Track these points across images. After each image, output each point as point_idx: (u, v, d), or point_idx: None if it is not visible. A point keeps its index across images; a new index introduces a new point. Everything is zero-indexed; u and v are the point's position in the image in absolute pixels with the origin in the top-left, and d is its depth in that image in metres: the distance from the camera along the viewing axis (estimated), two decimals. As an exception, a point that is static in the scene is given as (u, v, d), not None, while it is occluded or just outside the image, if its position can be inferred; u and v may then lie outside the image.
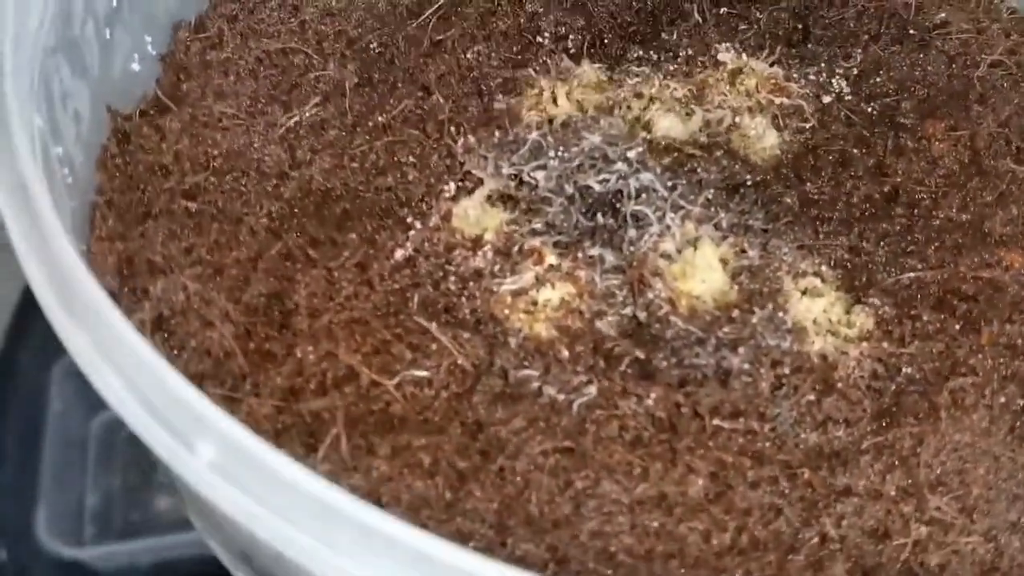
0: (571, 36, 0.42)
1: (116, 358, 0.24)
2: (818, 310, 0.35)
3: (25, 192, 0.27)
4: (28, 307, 0.93)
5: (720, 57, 0.41)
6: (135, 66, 0.39)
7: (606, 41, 0.43)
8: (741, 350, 0.33)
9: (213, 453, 0.23)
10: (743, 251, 0.36)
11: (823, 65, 0.42)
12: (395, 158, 0.38)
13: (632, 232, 0.36)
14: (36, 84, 0.31)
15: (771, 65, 0.41)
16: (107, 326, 0.25)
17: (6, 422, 0.88)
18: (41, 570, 0.81)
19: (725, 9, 0.43)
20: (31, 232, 0.26)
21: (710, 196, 0.37)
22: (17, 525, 0.82)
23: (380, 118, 0.39)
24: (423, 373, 0.33)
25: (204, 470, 0.23)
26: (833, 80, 0.41)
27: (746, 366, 0.33)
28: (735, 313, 0.34)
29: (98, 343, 0.25)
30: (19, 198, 0.27)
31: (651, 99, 0.40)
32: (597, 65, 0.41)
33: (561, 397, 0.33)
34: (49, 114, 0.32)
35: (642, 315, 0.34)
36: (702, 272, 0.35)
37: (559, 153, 0.37)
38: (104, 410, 0.89)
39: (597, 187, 0.36)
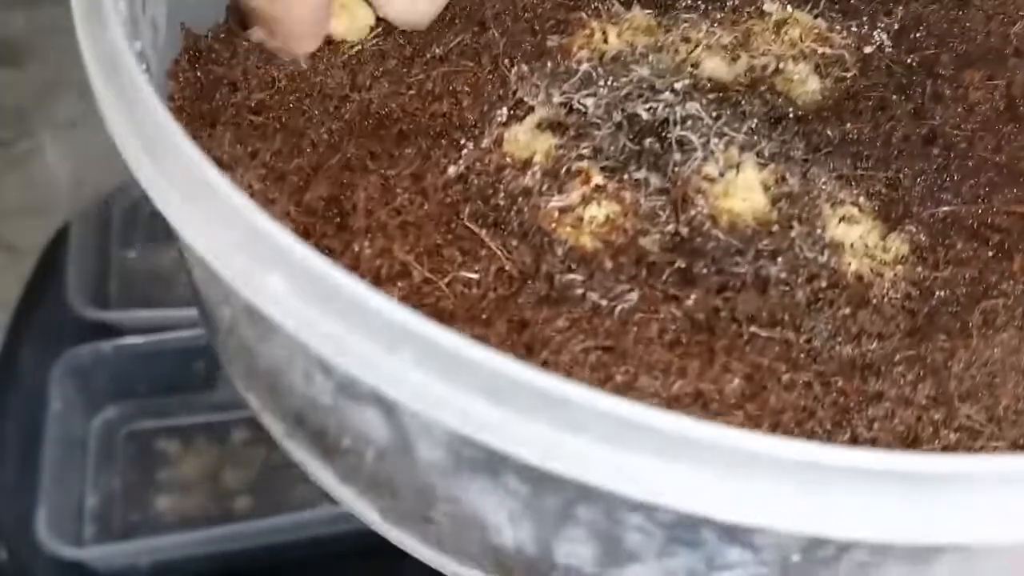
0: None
1: (191, 191, 0.26)
2: (855, 235, 0.36)
3: (114, 57, 0.29)
4: (28, 307, 0.95)
5: (766, 8, 0.43)
6: (208, -7, 0.41)
7: (656, -12, 0.44)
8: (779, 260, 0.35)
9: (283, 279, 0.25)
10: (783, 178, 0.37)
11: (865, 19, 0.43)
12: (450, 86, 0.40)
13: (677, 156, 0.37)
14: (120, -21, 0.33)
15: (815, 17, 0.43)
16: (191, 167, 0.26)
17: (6, 422, 0.89)
18: (41, 570, 0.82)
19: (770, -37, 0.45)
20: (117, 90, 0.28)
21: (753, 126, 0.38)
22: (17, 525, 0.83)
23: (437, 50, 0.41)
24: (472, 275, 0.34)
25: (277, 295, 0.24)
26: (875, 33, 0.43)
27: (783, 275, 0.34)
28: (774, 228, 0.35)
29: (180, 185, 0.26)
30: (108, 66, 0.29)
31: (698, 44, 0.41)
32: (647, 11, 0.43)
33: (604, 302, 0.34)
34: (131, 10, 0.33)
35: (684, 230, 0.36)
36: (743, 192, 0.36)
37: (608, 83, 0.39)
38: (104, 410, 0.91)
39: (644, 114, 0.38)
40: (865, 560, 0.26)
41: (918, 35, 0.43)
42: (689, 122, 0.38)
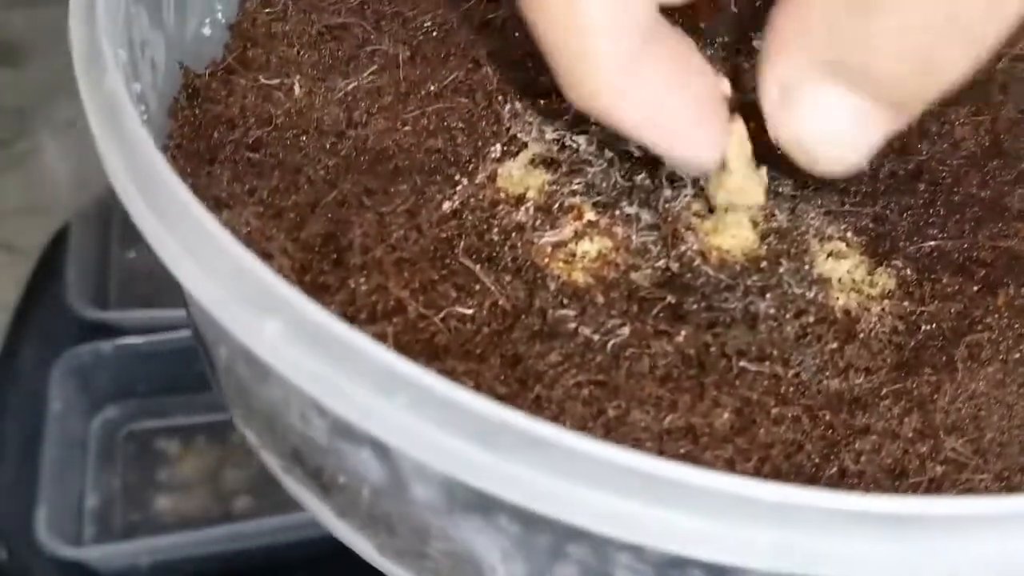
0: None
1: (189, 238, 0.27)
2: (843, 270, 0.37)
3: (113, 104, 0.29)
4: (28, 307, 0.95)
5: (756, 44, 0.44)
6: (206, 31, 0.42)
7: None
8: (768, 296, 0.35)
9: (279, 325, 0.25)
10: (772, 215, 0.38)
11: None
12: (445, 123, 0.40)
13: (668, 192, 0.38)
14: (120, 23, 0.34)
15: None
16: (188, 217, 0.27)
17: (6, 422, 0.89)
18: (41, 570, 0.82)
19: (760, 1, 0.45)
20: (116, 136, 0.29)
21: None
22: (17, 525, 0.83)
23: (432, 87, 0.41)
24: (467, 310, 0.35)
25: (273, 340, 0.25)
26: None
27: (772, 311, 0.35)
28: (763, 264, 0.36)
29: (178, 234, 0.27)
30: (107, 113, 0.30)
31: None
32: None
33: (596, 337, 0.35)
34: (131, 54, 0.34)
35: (675, 266, 0.36)
36: (733, 228, 0.37)
37: (600, 120, 0.39)
38: (104, 410, 0.91)
39: (636, 151, 0.39)
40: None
41: (905, 71, 0.44)
42: (680, 158, 0.38)
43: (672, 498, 0.24)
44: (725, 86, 0.36)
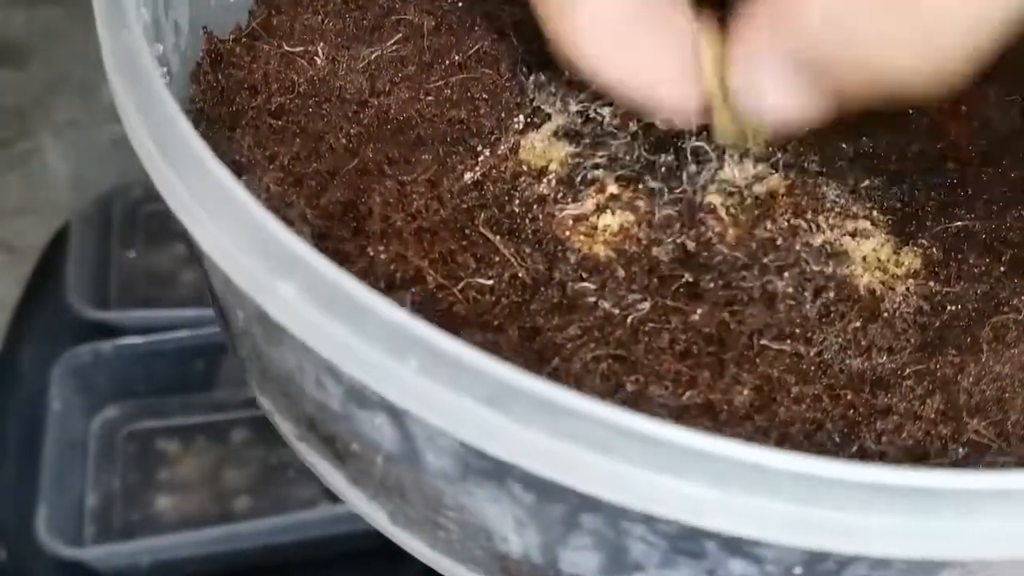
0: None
1: (207, 197, 0.26)
2: (868, 248, 0.37)
3: (134, 61, 0.29)
4: (28, 307, 0.95)
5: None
6: (231, -1, 0.42)
7: None
8: (786, 275, 0.35)
9: (295, 286, 0.25)
10: (794, 189, 0.37)
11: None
12: (468, 93, 0.40)
13: (692, 167, 0.37)
14: (143, -17, 0.33)
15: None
16: (200, 167, 0.27)
17: (6, 422, 0.89)
18: (41, 570, 0.82)
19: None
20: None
21: (768, 138, 0.38)
22: (17, 525, 0.83)
23: (456, 57, 0.41)
24: (486, 281, 0.35)
25: (288, 301, 0.25)
26: (893, 46, 0.43)
27: (790, 290, 0.34)
28: (779, 242, 0.36)
29: (190, 184, 0.27)
30: (128, 70, 0.29)
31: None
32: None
33: (616, 311, 0.34)
34: (153, 14, 0.34)
35: (691, 245, 0.36)
36: (754, 207, 0.36)
37: (625, 92, 0.39)
38: (104, 410, 0.92)
39: (660, 125, 0.38)
40: (866, 574, 0.26)
41: (936, 49, 0.43)
42: (705, 133, 0.38)
43: (689, 467, 0.23)
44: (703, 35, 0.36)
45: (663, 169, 0.38)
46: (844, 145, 0.39)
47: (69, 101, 1.25)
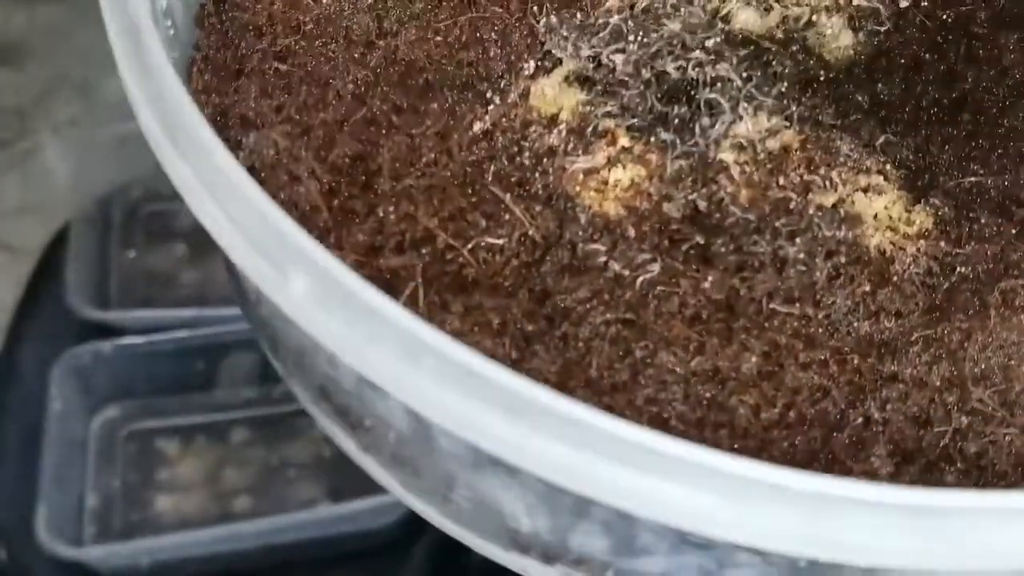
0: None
1: (218, 191, 0.26)
2: (879, 207, 0.36)
3: (136, 33, 0.28)
4: (28, 307, 0.94)
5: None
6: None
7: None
8: (798, 240, 0.35)
9: (306, 282, 0.25)
10: (807, 144, 0.37)
11: (901, -29, 0.42)
12: (478, 34, 0.39)
13: (705, 120, 0.37)
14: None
15: (851, -33, 0.42)
16: (212, 161, 0.26)
17: (6, 422, 0.89)
18: (41, 570, 0.82)
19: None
20: (140, 70, 0.28)
21: (783, 89, 0.38)
22: (17, 525, 0.83)
23: (465, -7, 0.40)
24: (496, 240, 0.34)
25: (298, 297, 0.25)
26: (911, -14, 0.42)
27: (802, 255, 0.34)
28: (792, 205, 0.35)
29: (202, 176, 0.26)
30: (130, 39, 0.29)
31: (731, -7, 0.41)
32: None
33: (626, 272, 0.34)
34: (155, -33, 0.33)
35: (703, 204, 0.36)
36: (767, 162, 0.36)
37: (638, 38, 0.38)
38: (104, 410, 0.92)
39: (674, 73, 0.37)
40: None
41: (955, -11, 0.42)
42: (719, 84, 0.37)
43: (695, 480, 0.24)
44: None
45: (676, 121, 0.37)
46: (859, 96, 0.38)
47: (69, 101, 1.22)
